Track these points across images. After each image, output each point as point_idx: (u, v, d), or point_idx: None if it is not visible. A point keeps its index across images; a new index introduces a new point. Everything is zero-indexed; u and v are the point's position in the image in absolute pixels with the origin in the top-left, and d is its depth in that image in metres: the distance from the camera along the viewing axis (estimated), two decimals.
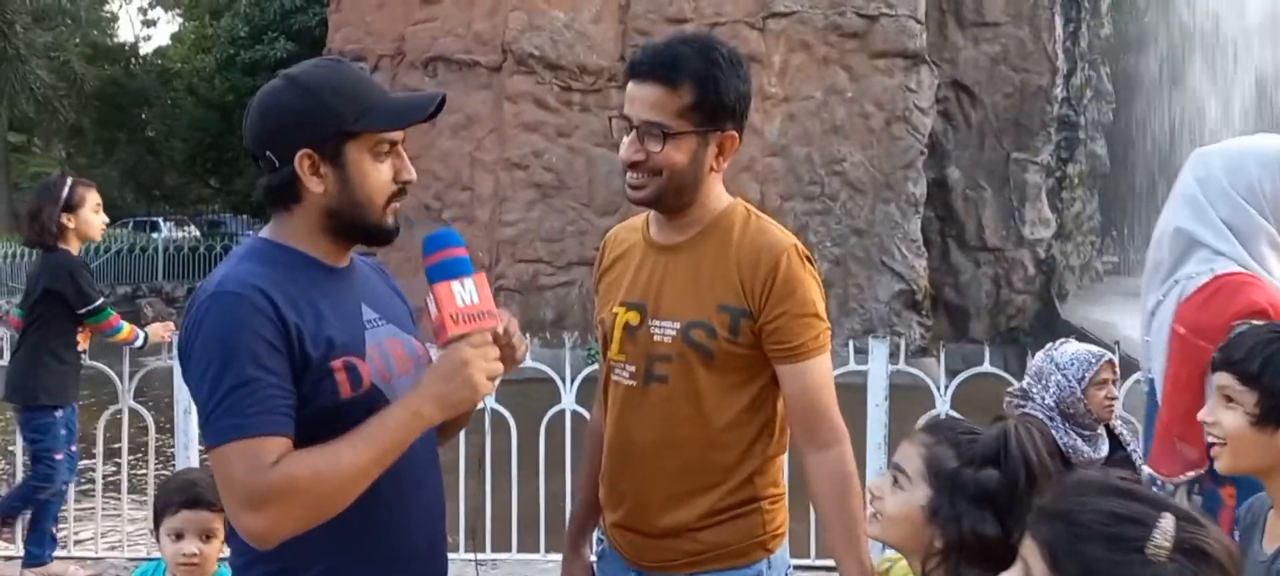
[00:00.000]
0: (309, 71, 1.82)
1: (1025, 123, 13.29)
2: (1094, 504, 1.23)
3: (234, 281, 1.72)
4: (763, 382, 2.08)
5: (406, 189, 1.84)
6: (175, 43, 32.46)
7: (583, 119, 12.44)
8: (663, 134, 2.00)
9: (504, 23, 12.49)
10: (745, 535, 2.09)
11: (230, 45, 22.89)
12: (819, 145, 12.13)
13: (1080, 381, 3.26)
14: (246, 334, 1.67)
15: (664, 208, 2.10)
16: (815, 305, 2.06)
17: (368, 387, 1.77)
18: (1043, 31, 13.18)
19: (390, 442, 1.68)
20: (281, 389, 1.68)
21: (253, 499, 1.64)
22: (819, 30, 12.08)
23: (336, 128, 1.75)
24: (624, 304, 2.15)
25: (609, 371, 2.19)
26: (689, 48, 2.01)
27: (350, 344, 1.78)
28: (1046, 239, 13.38)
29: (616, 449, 2.17)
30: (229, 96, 23.93)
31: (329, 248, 1.84)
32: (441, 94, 1.85)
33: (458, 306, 1.70)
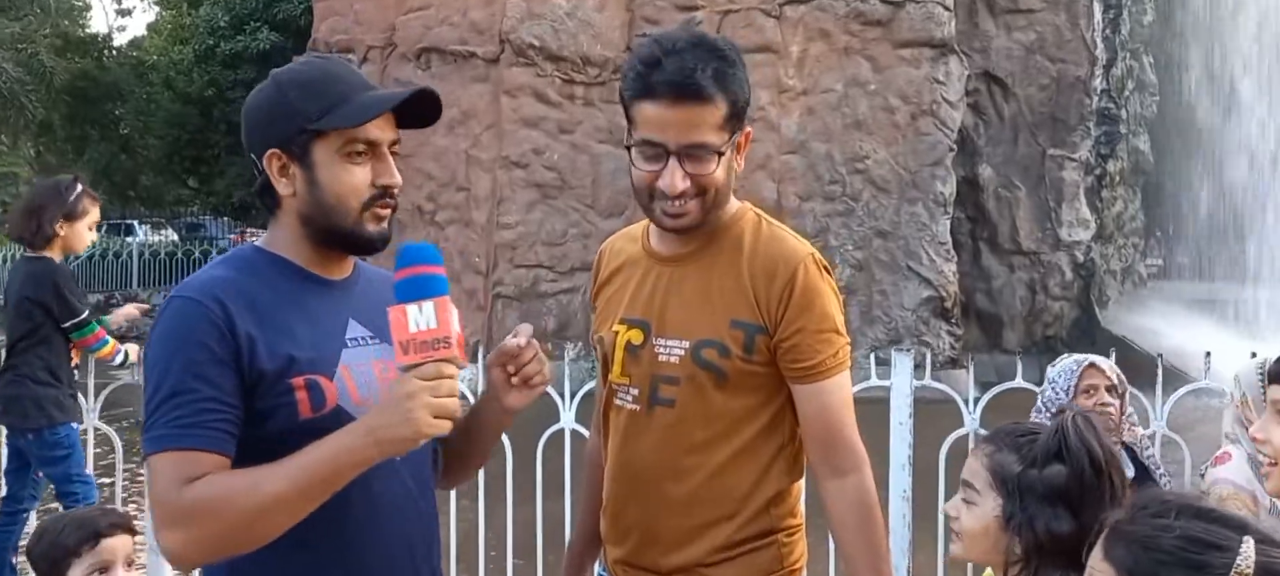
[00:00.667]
0: (290, 68, 1.86)
1: (1062, 117, 13.24)
2: (1174, 527, 1.27)
3: (194, 287, 1.76)
4: (779, 404, 2.06)
5: (390, 193, 1.82)
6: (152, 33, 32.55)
7: (586, 114, 12.42)
8: (715, 153, 1.97)
9: (501, 11, 12.48)
10: (761, 570, 2.07)
11: (210, 36, 22.92)
12: (840, 141, 12.09)
13: (1067, 392, 3.34)
14: (191, 343, 1.69)
15: (695, 227, 2.04)
16: (835, 319, 2.04)
17: (332, 408, 1.75)
18: (1081, 18, 13.13)
19: (319, 474, 1.64)
20: (219, 403, 1.68)
21: (167, 516, 1.65)
22: (840, 18, 12.05)
23: (299, 126, 1.77)
24: (625, 321, 2.13)
25: (610, 395, 2.17)
26: (700, 54, 1.96)
27: (317, 361, 1.77)
28: (1085, 241, 13.32)
29: (619, 479, 2.14)
30: (208, 91, 23.96)
31: (315, 256, 1.85)
32: (418, 88, 1.85)
33: (409, 333, 1.64)
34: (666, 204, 1.99)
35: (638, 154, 2.00)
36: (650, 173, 1.98)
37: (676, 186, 1.96)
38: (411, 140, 11.75)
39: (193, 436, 1.66)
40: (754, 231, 2.08)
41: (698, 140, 1.95)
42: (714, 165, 1.98)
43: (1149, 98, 14.60)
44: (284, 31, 21.69)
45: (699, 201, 2.00)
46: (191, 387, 1.67)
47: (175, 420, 1.66)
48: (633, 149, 2.01)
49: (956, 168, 12.51)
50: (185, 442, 1.65)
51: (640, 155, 2.00)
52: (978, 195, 13.25)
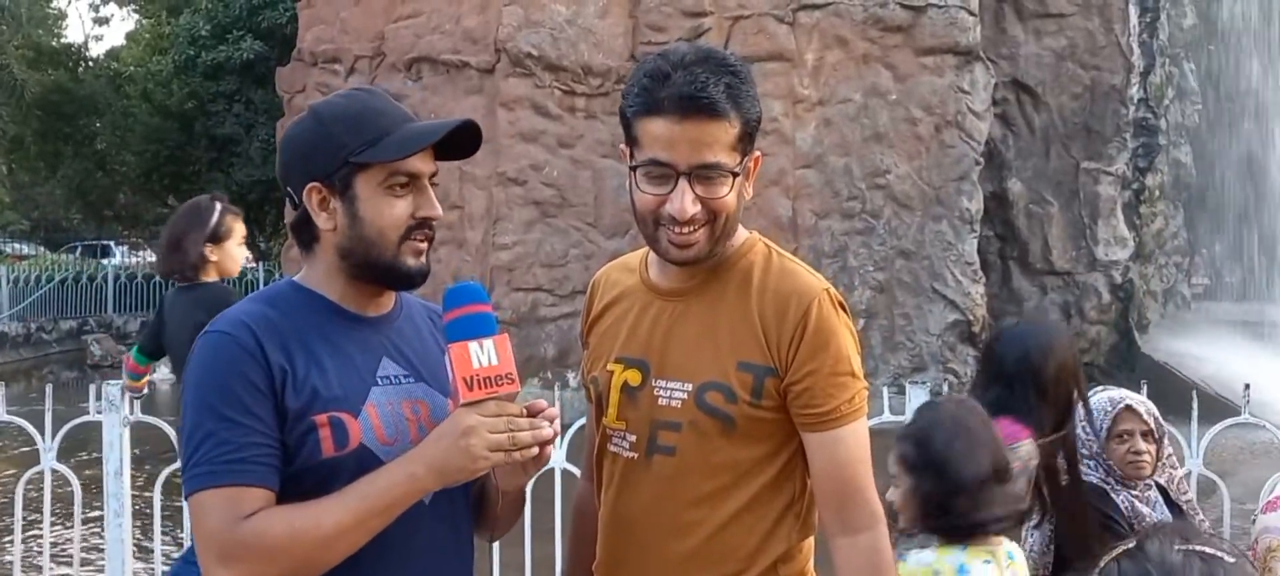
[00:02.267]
0: (330, 102, 1.98)
1: (1097, 127, 13.24)
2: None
3: (227, 320, 1.88)
4: (789, 454, 2.02)
5: (429, 226, 1.93)
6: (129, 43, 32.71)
7: (588, 127, 12.41)
8: (729, 175, 1.94)
9: (497, 18, 12.49)
10: None
11: (190, 45, 23.04)
12: (859, 155, 12.06)
13: (1099, 434, 3.35)
14: (230, 376, 1.81)
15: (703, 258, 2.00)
16: (851, 362, 1.99)
17: (355, 447, 1.85)
18: (1115, 22, 13.13)
19: (379, 505, 1.78)
20: (263, 436, 1.79)
21: (224, 553, 1.75)
22: (857, 24, 12.03)
23: (342, 159, 1.87)
24: (621, 360, 2.09)
25: (603, 440, 2.13)
26: (711, 68, 1.92)
27: (342, 399, 1.87)
28: (1123, 260, 13.30)
29: (614, 533, 2.10)
30: (189, 103, 24.07)
31: (352, 292, 1.96)
32: (461, 120, 1.94)
33: (473, 370, 1.78)
34: (674, 231, 1.94)
35: (643, 176, 1.95)
36: (656, 197, 1.94)
37: (686, 210, 1.92)
38: None
39: (239, 472, 1.77)
40: (764, 264, 2.04)
41: (710, 160, 1.91)
42: (726, 188, 1.94)
43: (1191, 106, 14.58)
44: (268, 40, 21.80)
45: (708, 229, 1.95)
46: (237, 421, 1.78)
47: (219, 456, 1.77)
48: (637, 171, 1.96)
49: (984, 182, 12.48)
50: (232, 479, 1.76)
51: (646, 177, 1.95)
52: (1007, 212, 13.23)
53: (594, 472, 2.19)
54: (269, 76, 18.98)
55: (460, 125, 1.93)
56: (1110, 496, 3.41)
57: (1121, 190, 13.43)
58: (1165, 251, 14.56)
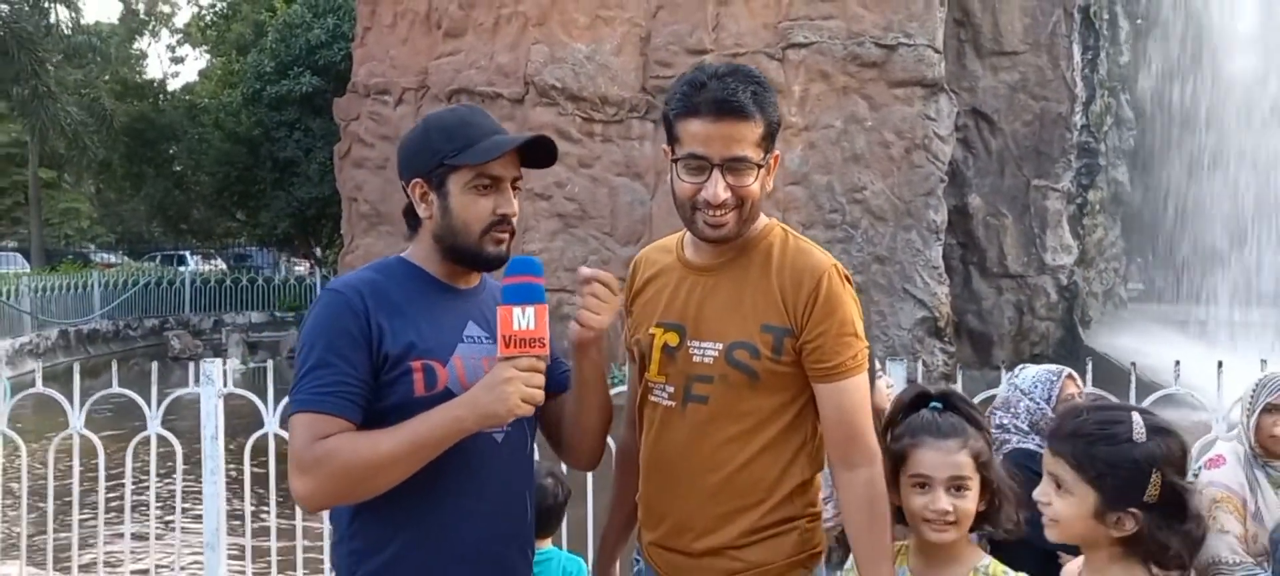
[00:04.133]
0: (436, 114, 2.10)
1: (1045, 150, 13.23)
2: (1089, 419, 1.88)
3: (342, 282, 2.00)
4: (803, 402, 2.08)
5: (507, 221, 2.02)
6: (203, 79, 32.81)
7: (604, 149, 12.48)
8: (754, 167, 2.01)
9: (526, 55, 12.57)
10: (785, 553, 2.08)
11: (256, 80, 23.10)
12: (839, 173, 12.11)
13: (1048, 401, 3.28)
14: (335, 328, 1.91)
15: (732, 238, 2.07)
16: (854, 325, 2.06)
17: (442, 389, 1.95)
18: (1061, 59, 13.14)
19: (427, 438, 1.86)
20: (354, 377, 1.89)
21: (300, 465, 1.86)
22: (838, 60, 12.09)
23: (438, 161, 1.99)
24: (662, 325, 2.14)
25: (645, 392, 2.18)
26: (740, 78, 2.01)
27: (435, 349, 1.97)
28: (1068, 265, 13.29)
29: (655, 469, 2.15)
30: (255, 131, 24.13)
31: (445, 269, 2.06)
32: (535, 134, 2.06)
33: (512, 330, 1.86)
34: (708, 214, 2.01)
35: (682, 168, 2.02)
36: (694, 185, 2.01)
37: (719, 196, 1.99)
38: None
39: (328, 402, 1.86)
40: (782, 244, 2.11)
41: (739, 154, 1.98)
42: (752, 178, 2.01)
43: (1126, 132, 14.59)
44: (325, 76, 21.86)
45: (737, 213, 2.02)
46: (331, 363, 1.88)
47: (315, 388, 1.87)
48: (678, 163, 2.03)
49: (948, 197, 12.49)
50: (321, 407, 1.86)
51: (685, 169, 2.02)
52: (968, 223, 13.24)
53: (636, 421, 2.25)
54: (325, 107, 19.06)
55: (536, 139, 2.04)
56: None
57: (1067, 204, 13.42)
58: (1105, 258, 14.56)
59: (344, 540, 1.99)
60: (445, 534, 1.96)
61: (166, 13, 34.01)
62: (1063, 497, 1.86)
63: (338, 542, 2.01)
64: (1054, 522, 1.90)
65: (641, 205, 12.49)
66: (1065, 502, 1.85)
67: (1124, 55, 14.55)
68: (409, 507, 1.92)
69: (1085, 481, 1.82)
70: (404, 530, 1.94)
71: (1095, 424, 1.84)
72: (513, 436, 2.04)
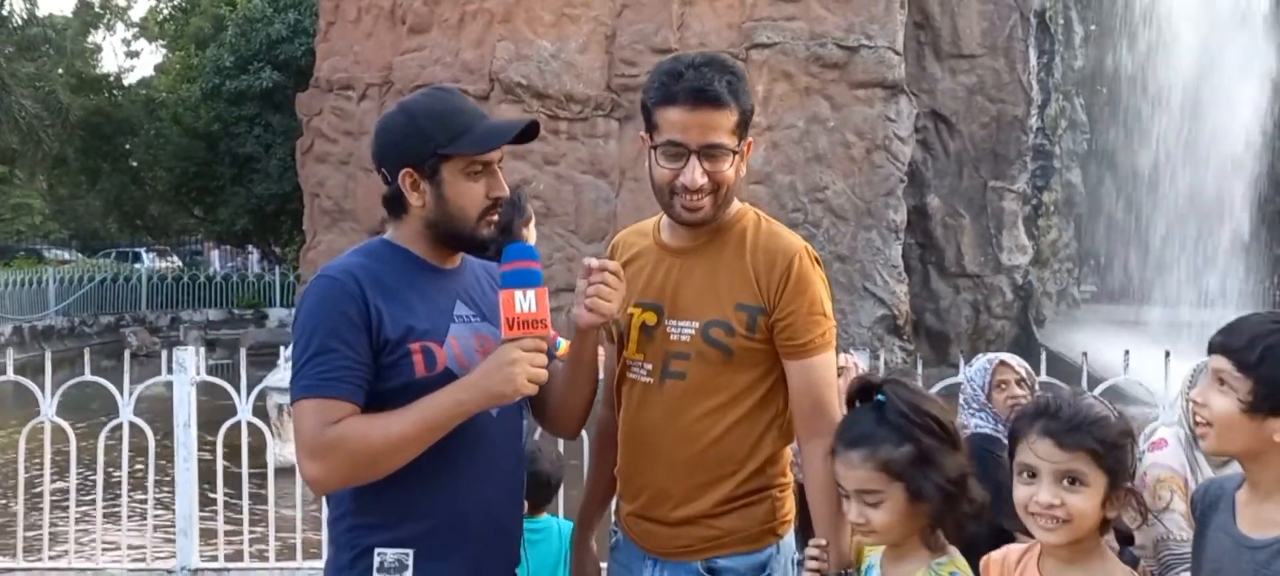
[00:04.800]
0: (417, 100, 2.08)
1: (1002, 152, 13.46)
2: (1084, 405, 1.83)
3: (335, 268, 1.99)
4: (774, 378, 2.17)
5: (500, 204, 2.05)
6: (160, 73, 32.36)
7: (570, 147, 12.54)
8: (730, 153, 2.09)
9: (491, 52, 12.60)
10: (758, 521, 2.17)
11: (216, 75, 22.87)
12: (802, 173, 12.25)
13: (983, 387, 3.58)
14: (334, 313, 1.92)
15: (708, 221, 2.15)
16: (823, 304, 2.15)
17: (442, 370, 1.98)
18: (1018, 63, 13.38)
19: (436, 420, 1.90)
20: (356, 362, 1.91)
21: (312, 449, 1.88)
22: (801, 61, 12.24)
23: (432, 150, 2.00)
24: (640, 305, 2.22)
25: (624, 370, 2.26)
26: (716, 69, 2.10)
27: (431, 331, 2.00)
28: (1023, 265, 13.52)
29: (633, 443, 2.23)
30: (214, 126, 23.90)
31: (433, 251, 2.08)
32: (530, 120, 2.09)
33: (515, 312, 1.92)
34: (686, 198, 2.09)
35: (661, 154, 2.10)
36: (672, 171, 2.09)
37: (697, 181, 2.07)
38: None
39: (333, 387, 1.89)
40: (755, 227, 2.20)
41: (715, 141, 2.07)
42: (728, 164, 2.10)
43: (1080, 136, 14.88)
44: (286, 71, 21.69)
45: (713, 198, 2.11)
46: (333, 348, 1.90)
47: (319, 373, 1.89)
48: (656, 150, 2.11)
49: (907, 198, 12.68)
50: (327, 392, 1.89)
51: (664, 155, 2.10)
52: (926, 223, 13.43)
53: (613, 399, 2.33)
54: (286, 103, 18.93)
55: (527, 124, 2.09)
56: (1002, 442, 3.61)
57: (1022, 205, 13.64)
58: (1059, 259, 14.83)
59: (346, 515, 2.02)
60: (452, 507, 2.01)
61: (122, 6, 33.44)
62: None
63: (338, 518, 2.04)
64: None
65: (606, 203, 12.57)
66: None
67: (1078, 60, 14.85)
68: (416, 484, 1.96)
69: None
70: (412, 505, 1.98)
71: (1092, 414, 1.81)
72: (507, 408, 2.09)
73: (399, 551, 1.98)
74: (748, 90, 2.14)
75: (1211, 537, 1.84)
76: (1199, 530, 1.89)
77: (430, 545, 1.99)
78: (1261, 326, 1.77)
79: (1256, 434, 1.74)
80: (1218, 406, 1.77)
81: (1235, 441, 1.77)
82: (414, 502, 1.98)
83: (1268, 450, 1.74)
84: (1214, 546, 1.82)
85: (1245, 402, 1.74)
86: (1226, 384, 1.77)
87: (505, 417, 2.09)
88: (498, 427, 2.07)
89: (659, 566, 2.20)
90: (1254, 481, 1.80)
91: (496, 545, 2.10)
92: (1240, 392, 1.75)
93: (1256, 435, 1.74)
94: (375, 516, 1.99)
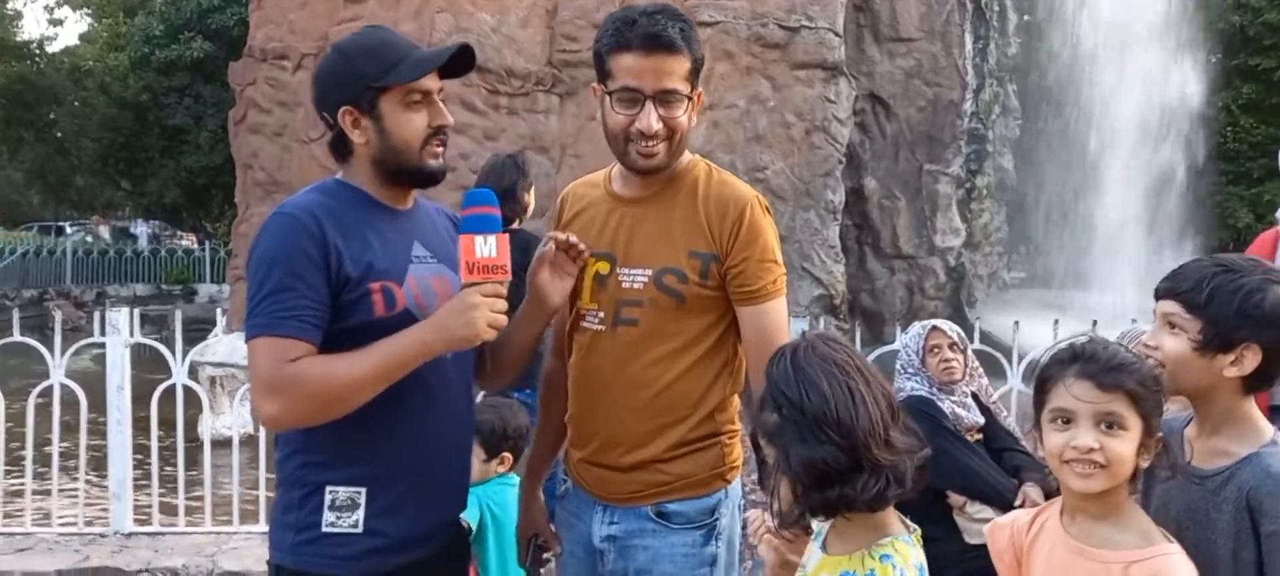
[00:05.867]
0: (349, 38, 2.07)
1: (937, 135, 13.63)
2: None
3: (292, 205, 1.97)
4: (726, 325, 2.20)
5: (443, 132, 2.05)
6: (86, 42, 31.43)
7: (510, 122, 12.45)
8: (684, 99, 2.11)
9: (430, 24, 12.43)
10: (707, 466, 2.20)
11: (145, 44, 22.34)
12: (742, 153, 12.29)
13: (917, 352, 3.73)
14: (292, 250, 1.90)
15: (663, 168, 2.16)
16: (774, 252, 2.19)
17: (401, 310, 1.98)
18: (954, 47, 13.57)
19: (395, 361, 1.89)
20: (313, 300, 1.89)
21: (269, 386, 1.86)
22: (743, 40, 12.28)
23: (366, 84, 1.98)
24: (592, 255, 2.23)
25: (577, 319, 2.27)
26: (668, 16, 2.11)
27: (390, 271, 1.99)
28: (956, 248, 13.72)
29: (585, 389, 2.25)
30: (143, 96, 23.33)
31: (386, 191, 2.08)
32: (461, 44, 2.06)
33: (476, 257, 1.91)
34: (641, 144, 2.11)
35: (616, 101, 2.11)
36: (628, 117, 2.11)
37: (653, 127, 2.09)
38: None
39: (290, 325, 1.87)
40: (706, 176, 2.23)
41: (670, 87, 2.09)
42: (682, 110, 2.12)
43: (1012, 122, 15.16)
44: (217, 41, 21.23)
45: (667, 144, 2.13)
46: (291, 286, 1.88)
47: (275, 311, 1.87)
48: (611, 97, 2.12)
49: (845, 179, 12.78)
50: (284, 330, 1.87)
51: (619, 101, 2.11)
52: (863, 205, 13.57)
53: (564, 349, 2.34)
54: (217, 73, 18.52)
55: (459, 49, 2.06)
56: (937, 404, 3.73)
57: (956, 189, 13.84)
58: (990, 242, 15.11)
59: (296, 453, 2.01)
60: (406, 448, 2.01)
61: None
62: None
63: (287, 456, 2.03)
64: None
65: (547, 179, 12.48)
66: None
67: (1012, 47, 15.13)
68: (369, 423, 1.95)
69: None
70: (364, 445, 1.97)
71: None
72: (461, 353, 2.11)
73: (351, 489, 1.97)
74: (698, 38, 2.16)
75: (1161, 473, 1.89)
76: (1148, 469, 1.96)
77: (382, 484, 1.99)
78: (1206, 269, 1.84)
79: (1207, 370, 1.81)
80: (1170, 348, 1.84)
81: (1188, 379, 1.84)
82: (367, 442, 1.97)
83: (1217, 385, 1.81)
84: (1163, 480, 1.89)
85: (1196, 342, 1.81)
86: (1177, 326, 1.83)
87: (459, 364, 2.10)
88: (453, 372, 2.08)
89: (609, 511, 2.22)
90: (1202, 416, 1.87)
91: (446, 486, 2.11)
92: (1191, 333, 1.81)
93: (1207, 372, 1.81)
94: (326, 454, 1.98)
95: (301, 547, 1.99)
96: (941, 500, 3.74)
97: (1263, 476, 1.74)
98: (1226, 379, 1.80)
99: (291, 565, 2.00)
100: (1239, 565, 1.75)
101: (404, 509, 2.02)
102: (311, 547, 1.98)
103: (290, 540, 2.00)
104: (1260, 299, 1.76)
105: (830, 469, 1.72)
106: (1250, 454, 1.78)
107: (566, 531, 2.34)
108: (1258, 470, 1.75)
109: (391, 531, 2.00)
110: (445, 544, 2.12)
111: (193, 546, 4.28)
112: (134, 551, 4.22)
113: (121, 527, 4.38)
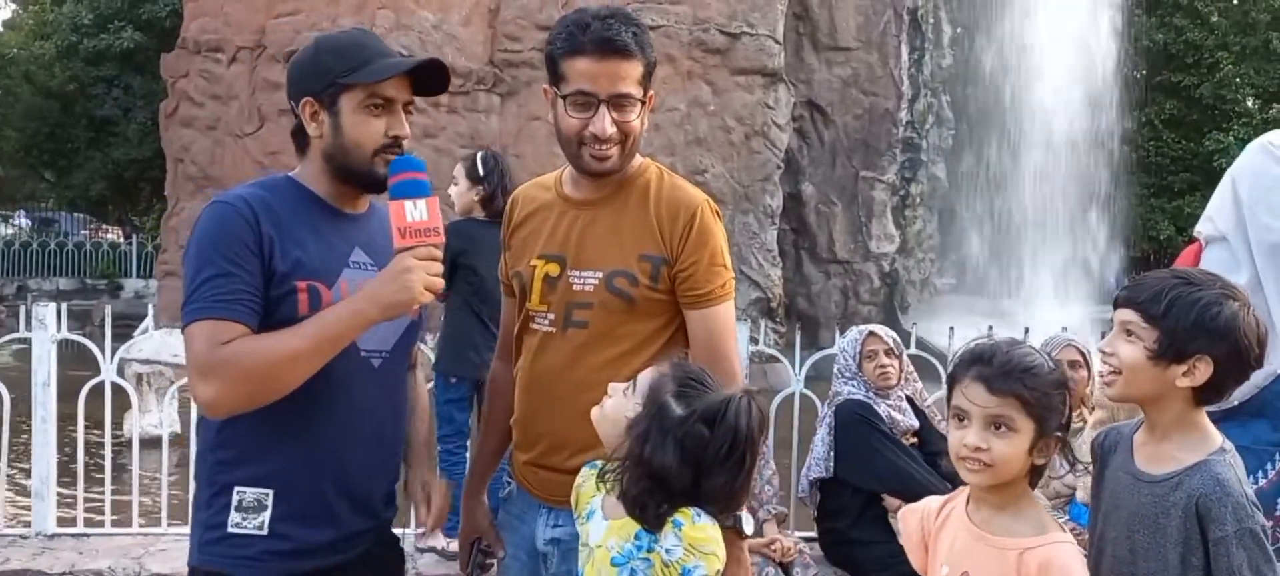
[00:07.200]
0: (328, 34, 2.08)
1: (873, 143, 13.87)
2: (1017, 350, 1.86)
3: (230, 195, 1.96)
4: (675, 327, 2.19)
5: (399, 143, 2.02)
6: (10, 30, 30.46)
7: (450, 120, 12.35)
8: (638, 103, 2.11)
9: (371, 20, 12.28)
10: None
11: (72, 33, 21.71)
12: (682, 156, 12.37)
13: (854, 357, 3.84)
14: (230, 238, 1.88)
15: (615, 171, 2.15)
16: (724, 256, 2.18)
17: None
18: (891, 58, 13.80)
19: (330, 333, 1.88)
20: (248, 285, 1.88)
21: (204, 370, 1.84)
22: (684, 45, 12.35)
23: (329, 80, 1.98)
24: (542, 256, 2.21)
25: (526, 321, 2.25)
26: (621, 20, 2.10)
27: (320, 271, 1.96)
28: (890, 254, 13.97)
29: (533, 391, 2.22)
30: (70, 86, 22.70)
31: (335, 191, 2.06)
32: (428, 57, 2.07)
33: (407, 221, 1.88)
34: (595, 148, 2.09)
35: (569, 105, 2.09)
36: (581, 121, 2.09)
37: (607, 131, 2.08)
38: (278, 142, 11.42)
39: (227, 308, 1.85)
40: (658, 180, 2.22)
41: (624, 90, 2.08)
42: (635, 114, 2.11)
43: (946, 131, 15.45)
44: (148, 31, 20.72)
45: (620, 147, 2.12)
46: (229, 271, 1.86)
47: (213, 296, 1.85)
48: (565, 101, 2.10)
49: (783, 184, 12.94)
50: (221, 313, 1.85)
51: (572, 105, 2.09)
52: (800, 210, 13.74)
53: (512, 351, 2.31)
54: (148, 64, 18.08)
55: (429, 63, 2.06)
56: (873, 407, 3.80)
57: (891, 196, 14.09)
58: (923, 249, 15.38)
59: (212, 449, 1.99)
60: (318, 454, 1.98)
61: None
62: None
63: (202, 453, 2.01)
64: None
65: None
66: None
67: (946, 58, 15.41)
68: (284, 423, 1.92)
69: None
70: (277, 444, 1.95)
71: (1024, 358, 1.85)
72: (392, 367, 2.08)
73: (258, 491, 1.94)
74: (651, 43, 2.15)
75: (1110, 477, 1.96)
76: (1098, 472, 2.01)
77: (290, 487, 1.96)
78: (1164, 281, 1.88)
79: (1160, 379, 1.85)
80: (1126, 355, 1.88)
81: (1141, 386, 1.88)
82: (275, 442, 1.94)
83: (1168, 393, 1.86)
84: (1113, 483, 1.94)
85: (1151, 350, 1.85)
86: (1134, 334, 1.87)
87: (388, 375, 2.08)
88: (378, 381, 2.05)
89: (553, 514, 2.20)
90: (1152, 423, 1.92)
91: (362, 500, 2.07)
92: (1147, 341, 1.85)
93: (1160, 380, 1.85)
94: (234, 451, 1.96)
95: (208, 546, 1.97)
96: (877, 502, 3.79)
97: (1212, 484, 1.79)
98: (1178, 389, 1.85)
99: (198, 563, 1.99)
100: (1187, 570, 1.79)
101: (313, 515, 1.98)
102: (216, 547, 1.96)
103: (199, 537, 1.98)
104: (1217, 312, 1.81)
105: (671, 484, 1.84)
106: (1199, 461, 1.83)
107: (510, 534, 2.30)
108: (1207, 478, 1.80)
109: (297, 536, 1.97)
110: (361, 554, 2.08)
111: (119, 548, 4.14)
112: (57, 553, 4.08)
113: (44, 529, 4.23)
